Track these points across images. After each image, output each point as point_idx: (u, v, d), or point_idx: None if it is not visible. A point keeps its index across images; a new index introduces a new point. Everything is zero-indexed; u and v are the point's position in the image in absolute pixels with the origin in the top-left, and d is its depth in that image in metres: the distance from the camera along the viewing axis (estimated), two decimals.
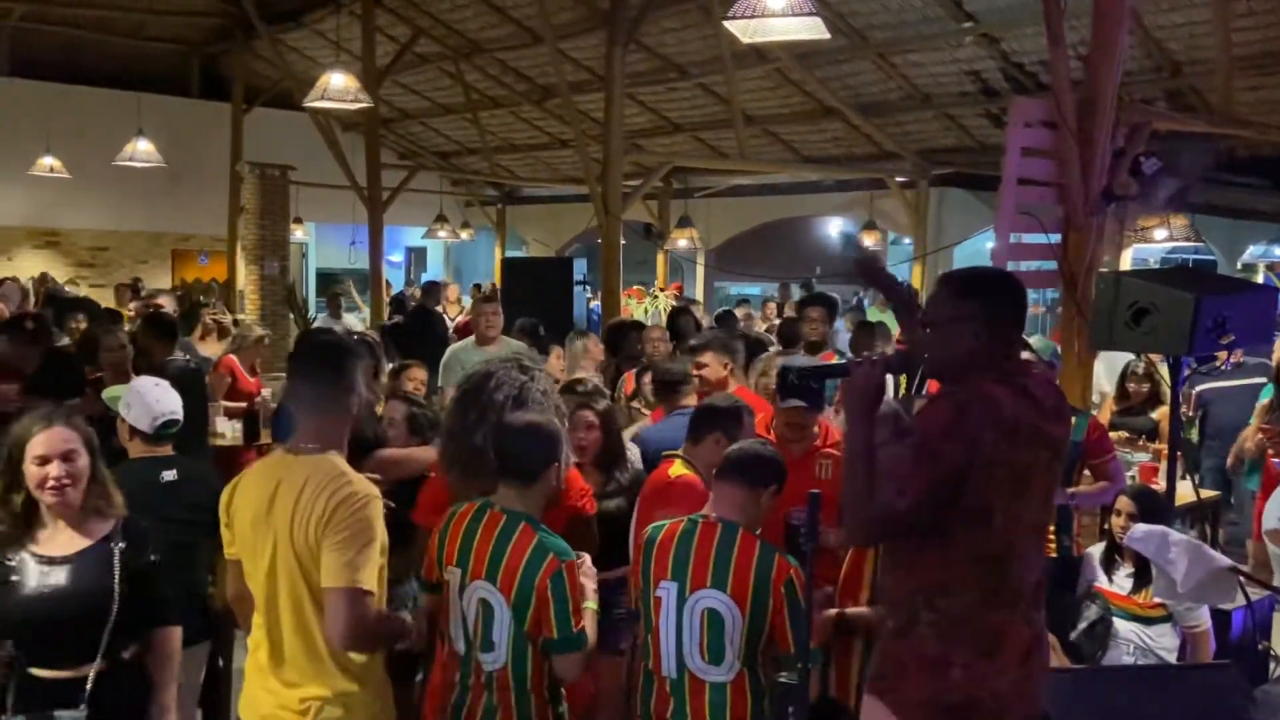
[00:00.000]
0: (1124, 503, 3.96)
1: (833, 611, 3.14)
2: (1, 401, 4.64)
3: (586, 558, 2.81)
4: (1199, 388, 6.67)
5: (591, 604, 2.70)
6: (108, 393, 4.08)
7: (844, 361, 2.78)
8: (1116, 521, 3.97)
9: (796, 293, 12.09)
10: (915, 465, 2.26)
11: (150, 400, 3.44)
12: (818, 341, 6.38)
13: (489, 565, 2.59)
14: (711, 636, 2.68)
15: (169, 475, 3.37)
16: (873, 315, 10.07)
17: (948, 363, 2.41)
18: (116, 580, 2.60)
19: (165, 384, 3.59)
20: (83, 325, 6.72)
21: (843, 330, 8.83)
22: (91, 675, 2.55)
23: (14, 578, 2.57)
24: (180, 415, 3.51)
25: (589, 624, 2.64)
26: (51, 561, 2.59)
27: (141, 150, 11.16)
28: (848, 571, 3.26)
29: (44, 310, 8.21)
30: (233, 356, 6.62)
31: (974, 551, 2.30)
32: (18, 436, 2.62)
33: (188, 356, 5.90)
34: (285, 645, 2.46)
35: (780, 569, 2.69)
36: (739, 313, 10.59)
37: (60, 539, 2.63)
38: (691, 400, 4.25)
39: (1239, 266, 13.87)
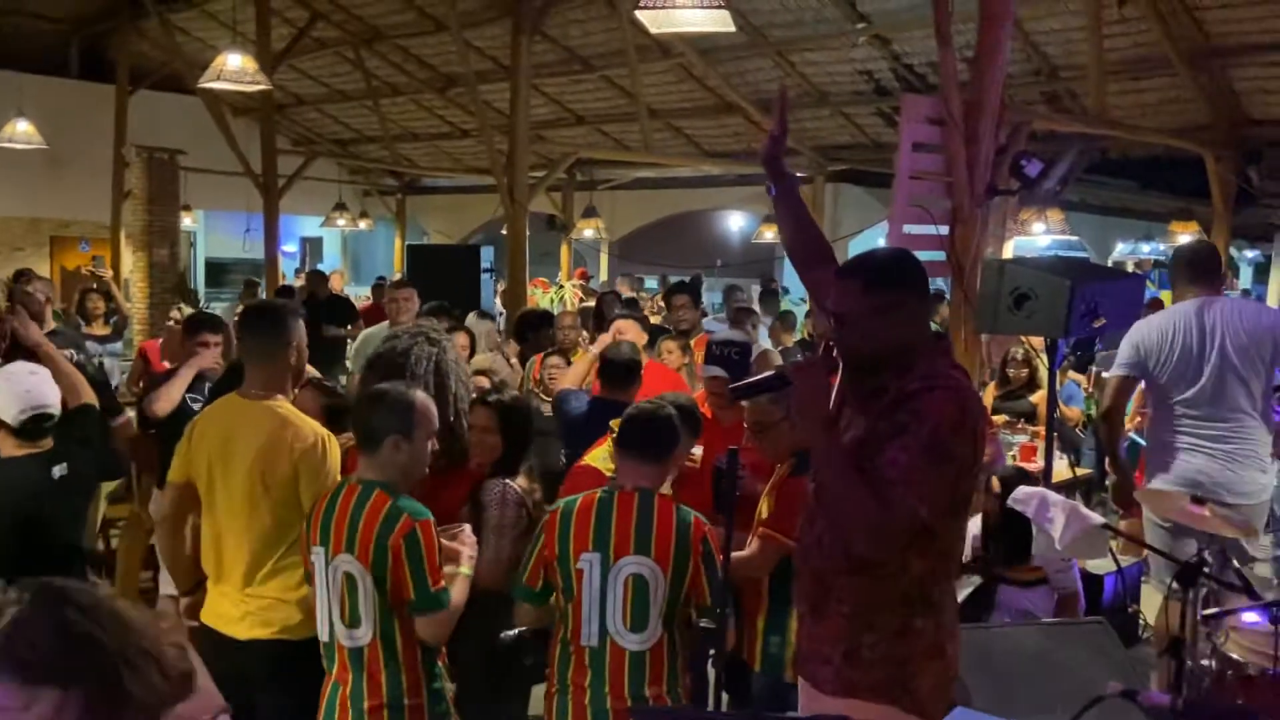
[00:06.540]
0: (994, 484, 4.24)
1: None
2: None
3: (466, 527, 2.89)
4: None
5: (466, 569, 2.77)
6: None
7: (778, 371, 2.65)
8: (985, 502, 4.24)
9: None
10: (933, 467, 2.11)
11: (20, 389, 2.99)
12: (688, 330, 6.12)
13: (347, 537, 2.64)
14: (636, 602, 2.73)
15: (59, 471, 3.04)
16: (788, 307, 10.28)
17: (890, 352, 2.23)
18: None
19: (44, 372, 3.16)
20: None
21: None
22: None
23: None
24: (53, 410, 3.08)
25: (457, 588, 2.70)
26: None
27: (21, 131, 10.65)
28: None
29: None
30: (153, 342, 6.48)
31: (954, 540, 2.31)
32: None
33: (73, 351, 5.45)
34: (226, 557, 2.96)
35: (696, 528, 2.77)
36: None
37: None
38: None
39: (1109, 263, 14.62)
